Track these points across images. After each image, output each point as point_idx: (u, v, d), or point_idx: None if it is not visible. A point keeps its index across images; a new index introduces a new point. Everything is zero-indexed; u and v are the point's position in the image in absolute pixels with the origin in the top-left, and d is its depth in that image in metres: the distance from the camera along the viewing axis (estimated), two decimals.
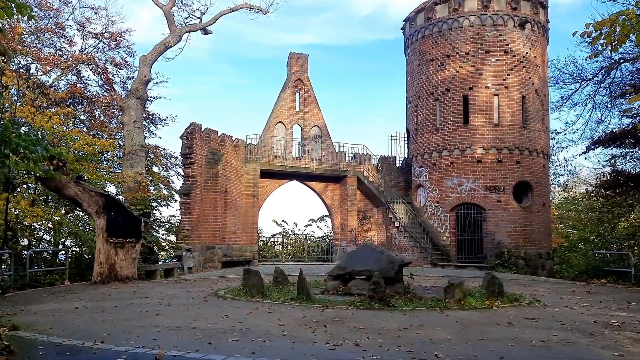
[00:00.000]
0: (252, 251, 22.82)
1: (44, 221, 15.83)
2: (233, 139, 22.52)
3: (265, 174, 23.72)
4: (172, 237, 24.13)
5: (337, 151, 25.62)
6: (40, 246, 18.04)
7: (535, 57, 23.64)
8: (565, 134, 20.71)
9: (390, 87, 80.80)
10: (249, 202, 22.85)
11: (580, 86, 18.63)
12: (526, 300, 10.76)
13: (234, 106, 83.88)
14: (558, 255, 26.31)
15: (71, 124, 22.10)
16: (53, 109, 18.17)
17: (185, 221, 19.36)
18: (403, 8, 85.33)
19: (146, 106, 24.51)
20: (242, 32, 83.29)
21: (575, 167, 41.28)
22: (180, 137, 19.99)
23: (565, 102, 18.79)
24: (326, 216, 28.97)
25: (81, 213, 19.48)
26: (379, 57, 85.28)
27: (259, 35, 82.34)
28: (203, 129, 20.52)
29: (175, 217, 24.55)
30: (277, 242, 27.46)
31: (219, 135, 21.46)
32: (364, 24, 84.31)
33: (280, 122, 24.95)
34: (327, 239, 28.28)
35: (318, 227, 28.92)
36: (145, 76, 21.69)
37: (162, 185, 25.40)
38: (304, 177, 24.97)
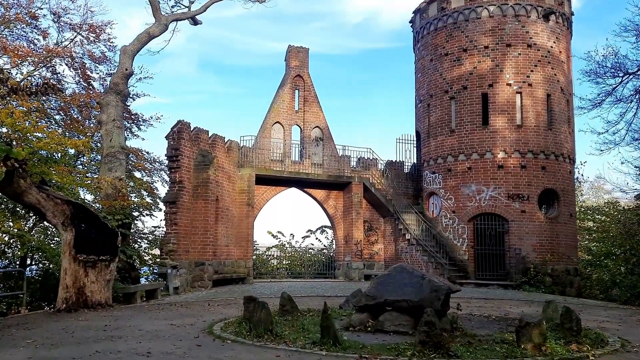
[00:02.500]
0: (247, 267, 20.21)
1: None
2: (225, 140, 19.98)
3: (261, 180, 21.16)
4: (156, 251, 21.50)
5: (340, 155, 23.13)
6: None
7: (560, 52, 21.44)
8: (602, 135, 18.59)
9: (385, 95, 78.85)
10: (243, 212, 20.27)
11: (622, 80, 16.42)
12: (614, 341, 8.35)
13: (224, 115, 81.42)
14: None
15: (44, 123, 19.49)
16: (15, 102, 15.49)
17: (171, 233, 16.74)
18: (394, 17, 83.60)
19: (128, 104, 21.89)
20: (232, 39, 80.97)
21: (582, 175, 39.31)
22: (165, 137, 17.42)
23: (605, 99, 16.54)
24: (326, 227, 26.47)
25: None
26: (372, 65, 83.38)
27: (249, 43, 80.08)
28: (192, 129, 17.98)
29: (159, 228, 21.90)
30: (272, 255, 24.82)
31: (209, 135, 18.92)
32: (355, 33, 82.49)
33: (277, 122, 22.42)
34: (326, 252, 25.73)
35: (317, 239, 26.37)
36: (126, 69, 19.08)
37: (144, 193, 22.74)
38: (303, 183, 22.42)
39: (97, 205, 18.14)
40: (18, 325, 9.67)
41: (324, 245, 26.20)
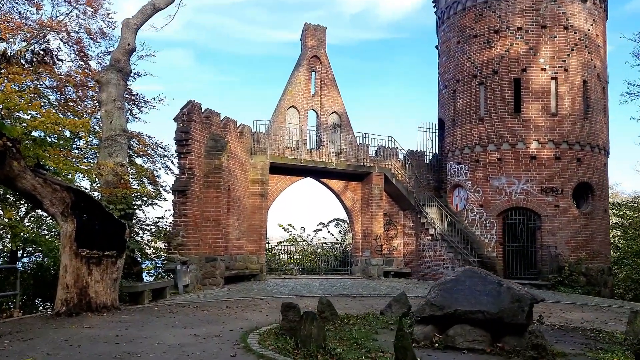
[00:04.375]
0: (260, 262, 18.63)
1: None
2: (238, 124, 18.34)
3: (275, 169, 19.52)
4: (160, 244, 19.88)
5: (358, 143, 21.49)
6: None
7: (597, 35, 19.95)
8: None
9: (391, 85, 77.37)
10: (256, 203, 18.67)
11: None
12: None
13: (223, 103, 79.62)
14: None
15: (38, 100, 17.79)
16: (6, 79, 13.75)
17: (180, 225, 15.15)
18: (393, 8, 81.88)
19: (129, 83, 20.18)
20: (228, 28, 79.08)
21: None
22: (174, 119, 15.79)
23: None
24: (339, 219, 24.97)
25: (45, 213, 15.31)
26: (373, 56, 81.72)
27: (246, 32, 78.23)
28: (203, 110, 16.35)
29: (163, 219, 20.23)
30: (283, 250, 23.20)
31: (221, 118, 17.29)
32: (353, 23, 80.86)
33: (292, 106, 20.75)
34: (340, 247, 24.15)
35: (329, 232, 24.79)
36: (129, 44, 17.51)
37: (146, 180, 21.06)
38: (320, 173, 20.79)
39: (96, 193, 16.56)
40: (11, 333, 8.10)
41: (337, 240, 24.65)
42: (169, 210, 17.63)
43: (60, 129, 13.94)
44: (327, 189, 21.41)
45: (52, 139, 16.64)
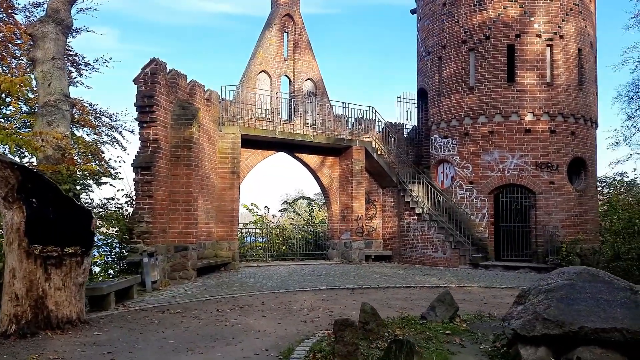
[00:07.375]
0: (232, 249, 16.22)
1: None
2: (205, 89, 15.70)
3: (245, 142, 17.02)
4: (112, 230, 17.00)
5: (335, 114, 19.32)
6: None
7: (590, 0, 18.70)
8: None
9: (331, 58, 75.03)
10: (226, 181, 16.20)
11: None
12: None
13: None
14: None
15: None
16: None
17: (144, 209, 12.55)
18: None
19: (68, 40, 16.95)
20: None
21: None
22: (134, 81, 13.01)
23: None
24: (305, 197, 22.83)
25: None
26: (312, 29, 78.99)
27: (173, 1, 73.27)
28: (168, 72, 13.65)
29: (113, 199, 17.31)
30: (250, 233, 20.72)
31: (188, 81, 14.63)
32: None
33: (264, 71, 18.22)
34: (311, 229, 21.87)
35: (295, 212, 22.58)
36: None
37: (90, 156, 17.95)
38: (295, 147, 18.46)
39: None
40: None
41: (305, 220, 22.49)
42: (121, 190, 14.99)
43: None
44: (302, 164, 19.15)
45: None
